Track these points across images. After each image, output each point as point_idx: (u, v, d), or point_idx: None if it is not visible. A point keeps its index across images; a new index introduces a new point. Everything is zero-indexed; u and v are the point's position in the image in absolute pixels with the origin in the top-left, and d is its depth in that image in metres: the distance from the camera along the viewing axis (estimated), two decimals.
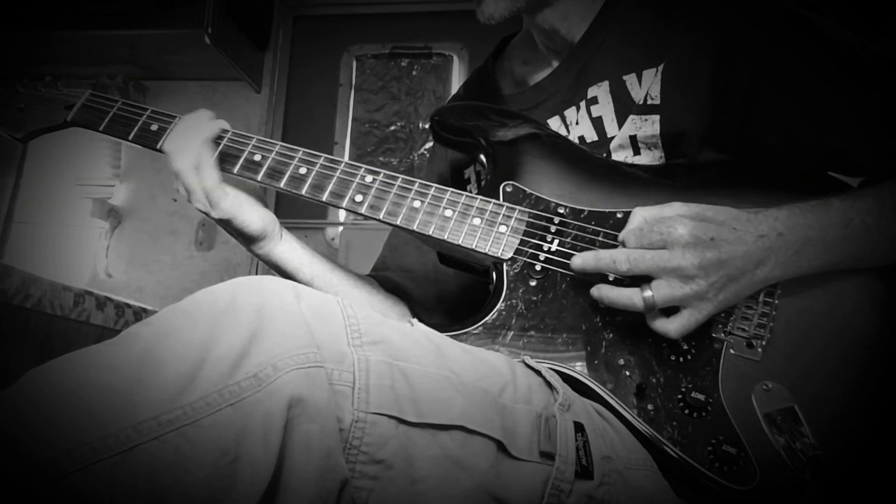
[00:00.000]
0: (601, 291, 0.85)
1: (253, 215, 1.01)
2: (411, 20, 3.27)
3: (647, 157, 1.02)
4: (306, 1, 3.39)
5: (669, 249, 0.80)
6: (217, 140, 1.01)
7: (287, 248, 1.08)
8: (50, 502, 0.51)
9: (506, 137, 1.02)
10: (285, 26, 3.38)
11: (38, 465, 0.51)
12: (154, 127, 1.03)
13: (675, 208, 0.84)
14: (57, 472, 0.51)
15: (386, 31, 3.29)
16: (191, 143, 0.96)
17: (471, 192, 1.21)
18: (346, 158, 3.21)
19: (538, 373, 0.83)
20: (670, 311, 0.82)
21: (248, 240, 1.04)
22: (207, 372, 0.58)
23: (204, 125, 0.98)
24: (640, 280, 0.82)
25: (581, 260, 0.86)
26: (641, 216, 0.85)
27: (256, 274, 2.96)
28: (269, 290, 0.67)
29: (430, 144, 3.22)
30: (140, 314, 2.19)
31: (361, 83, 3.33)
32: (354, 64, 3.32)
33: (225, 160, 1.00)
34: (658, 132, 1.01)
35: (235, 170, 1.00)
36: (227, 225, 1.01)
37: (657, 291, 0.80)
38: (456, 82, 3.22)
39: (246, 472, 0.56)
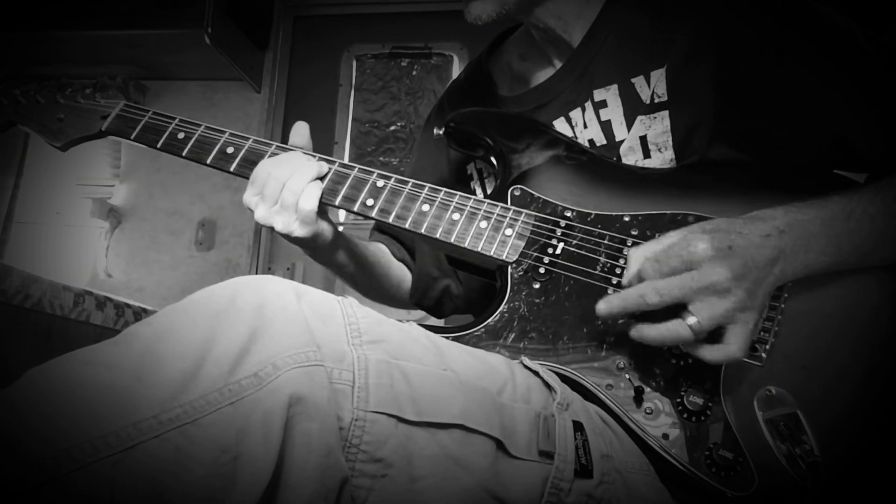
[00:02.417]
0: (641, 332, 0.80)
1: (327, 232, 1.04)
2: (411, 20, 3.27)
3: (658, 160, 1.02)
4: (306, 1, 3.39)
5: (696, 269, 0.77)
6: (237, 146, 1.04)
7: (337, 257, 1.14)
8: (50, 501, 0.51)
9: (531, 164, 1.02)
10: (285, 26, 3.38)
11: (39, 464, 0.51)
12: (181, 135, 1.07)
13: (673, 235, 0.81)
14: (57, 470, 0.51)
15: (386, 31, 3.29)
16: (303, 172, 0.98)
17: (473, 188, 1.22)
18: (346, 158, 3.23)
19: (536, 373, 0.83)
20: (712, 337, 0.79)
21: (316, 249, 1.08)
22: (207, 370, 0.58)
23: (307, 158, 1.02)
24: (669, 313, 0.79)
25: (606, 305, 0.81)
26: (640, 254, 0.82)
27: (256, 274, 2.97)
28: (269, 290, 0.67)
29: None
30: (140, 314, 2.19)
31: (361, 83, 3.33)
32: (354, 64, 3.33)
33: (245, 166, 1.04)
34: (668, 127, 1.01)
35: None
36: (308, 241, 1.03)
37: (700, 314, 0.76)
38: None
39: (246, 470, 0.56)
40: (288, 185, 0.97)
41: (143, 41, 3.05)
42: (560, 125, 1.10)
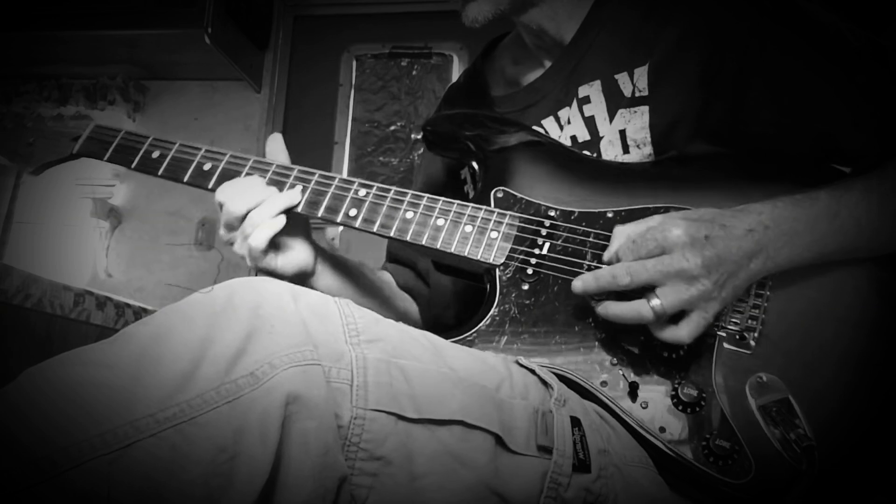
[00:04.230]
0: (607, 309, 0.83)
1: (286, 267, 1.03)
2: (411, 20, 3.27)
3: (637, 156, 1.02)
4: (306, 1, 3.39)
5: (668, 253, 0.80)
6: (214, 162, 1.02)
7: (317, 285, 1.10)
8: (47, 499, 0.51)
9: (502, 145, 1.02)
10: (285, 26, 3.38)
11: (36, 462, 0.51)
12: (155, 154, 1.05)
13: (657, 218, 0.84)
14: (54, 468, 0.51)
15: (386, 31, 3.29)
16: (262, 209, 0.96)
17: (467, 192, 1.22)
18: (346, 158, 3.23)
19: (532, 371, 0.84)
20: (675, 318, 0.81)
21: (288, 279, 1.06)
22: (205, 370, 0.58)
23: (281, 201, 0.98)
24: (641, 293, 0.81)
25: (581, 282, 0.85)
26: (625, 233, 0.85)
27: (256, 274, 2.96)
28: (266, 291, 0.67)
29: None
30: (140, 314, 2.19)
31: (361, 83, 3.33)
32: (354, 64, 3.33)
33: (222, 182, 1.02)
34: (647, 123, 1.01)
35: None
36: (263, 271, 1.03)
37: (665, 298, 0.79)
38: None
39: (243, 469, 0.56)
40: (246, 222, 0.96)
41: (143, 41, 3.05)
42: (549, 124, 1.10)
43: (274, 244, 1.00)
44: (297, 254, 1.04)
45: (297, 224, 1.05)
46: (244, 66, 3.16)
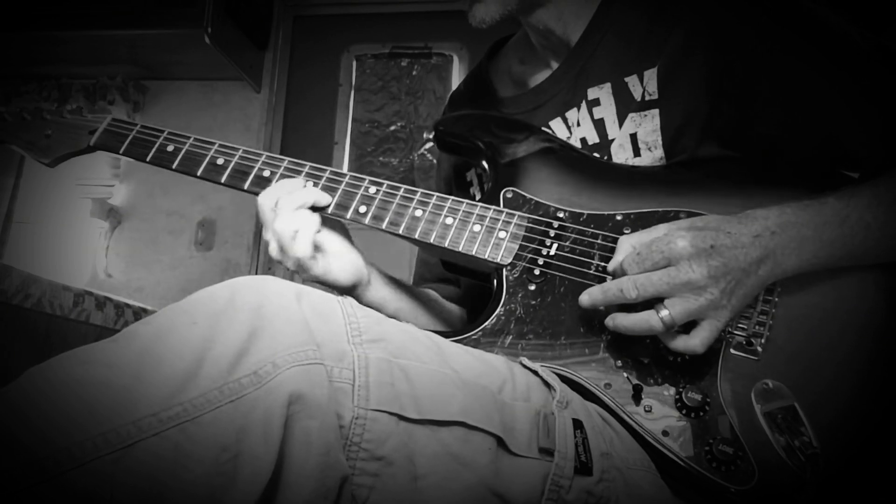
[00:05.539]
0: (615, 321, 0.84)
1: (340, 274, 1.02)
2: (411, 20, 3.27)
3: (648, 159, 1.02)
4: (306, 1, 3.39)
5: (675, 265, 0.79)
6: (227, 157, 1.03)
7: (373, 295, 1.10)
8: (49, 499, 0.51)
9: (516, 154, 1.02)
10: (285, 26, 3.39)
11: (38, 462, 0.51)
12: (170, 148, 1.06)
13: (661, 229, 0.84)
14: (57, 468, 0.51)
15: (386, 31, 3.30)
16: (293, 212, 0.95)
17: (473, 194, 1.22)
18: (346, 158, 3.23)
19: (535, 372, 0.84)
20: (687, 328, 0.81)
21: (340, 290, 1.05)
22: (207, 369, 0.58)
23: (309, 194, 0.97)
24: (650, 304, 0.81)
25: (588, 296, 0.85)
26: (629, 243, 0.85)
27: (256, 274, 2.97)
28: (269, 290, 0.67)
29: (429, 145, 3.22)
30: (140, 314, 2.19)
31: (361, 83, 3.33)
32: (354, 64, 3.33)
33: (236, 177, 1.03)
34: (658, 126, 1.01)
35: (246, 186, 1.02)
36: (318, 282, 1.02)
37: (673, 309, 0.79)
38: (456, 82, 3.22)
39: (246, 468, 0.56)
40: (277, 226, 0.94)
41: (143, 41, 3.05)
42: (556, 126, 1.10)
43: (323, 250, 1.00)
44: (352, 259, 1.04)
45: (340, 229, 1.05)
46: (244, 65, 3.17)
